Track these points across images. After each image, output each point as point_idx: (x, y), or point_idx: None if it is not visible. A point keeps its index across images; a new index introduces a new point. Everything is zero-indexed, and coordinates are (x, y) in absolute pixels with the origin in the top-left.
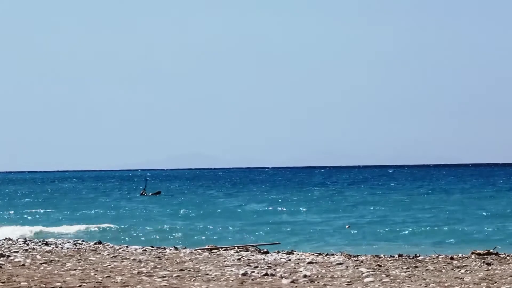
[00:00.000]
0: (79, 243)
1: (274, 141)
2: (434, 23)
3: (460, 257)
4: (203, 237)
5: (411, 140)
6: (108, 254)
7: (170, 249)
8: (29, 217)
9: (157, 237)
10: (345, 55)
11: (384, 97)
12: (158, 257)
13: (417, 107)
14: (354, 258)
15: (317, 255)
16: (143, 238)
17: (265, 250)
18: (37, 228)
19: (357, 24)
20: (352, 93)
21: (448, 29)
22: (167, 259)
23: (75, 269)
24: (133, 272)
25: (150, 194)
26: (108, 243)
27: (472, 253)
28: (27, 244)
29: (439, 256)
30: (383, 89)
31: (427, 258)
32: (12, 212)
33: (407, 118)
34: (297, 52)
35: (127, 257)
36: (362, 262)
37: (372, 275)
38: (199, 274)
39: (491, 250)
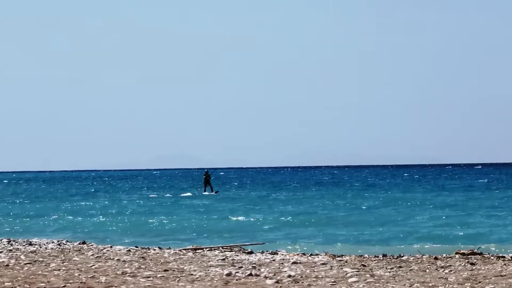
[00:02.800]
0: (63, 243)
1: (260, 141)
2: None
3: (444, 257)
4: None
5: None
6: (92, 255)
7: (155, 249)
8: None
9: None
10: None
11: (370, 98)
12: (143, 257)
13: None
14: (339, 258)
15: (302, 255)
16: None
17: (249, 250)
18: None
19: (342, 25)
20: (339, 93)
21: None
22: (151, 260)
23: (59, 270)
24: (117, 272)
25: (214, 192)
26: (92, 243)
27: (456, 253)
28: (11, 244)
29: (423, 256)
30: (370, 90)
31: (411, 258)
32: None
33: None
34: (286, 52)
35: (111, 258)
36: (346, 262)
37: (356, 275)
38: (184, 275)
39: (475, 250)
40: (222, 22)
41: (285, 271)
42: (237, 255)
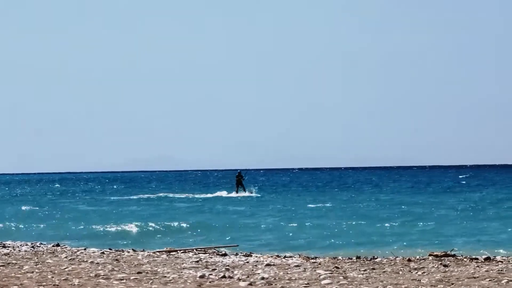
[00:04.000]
0: (37, 246)
1: (232, 143)
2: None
3: (417, 259)
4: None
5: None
6: (65, 257)
7: (128, 252)
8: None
9: None
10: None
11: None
12: (116, 259)
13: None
14: (312, 260)
15: (275, 257)
16: None
17: (223, 252)
18: None
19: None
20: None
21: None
22: (125, 262)
23: (33, 272)
24: (91, 275)
25: (247, 192)
26: (66, 246)
27: (430, 255)
28: None
29: (397, 258)
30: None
31: (385, 260)
32: None
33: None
34: (271, 52)
35: (85, 260)
36: (320, 264)
37: (329, 277)
38: (157, 277)
39: (449, 252)
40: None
41: (259, 273)
42: (211, 257)
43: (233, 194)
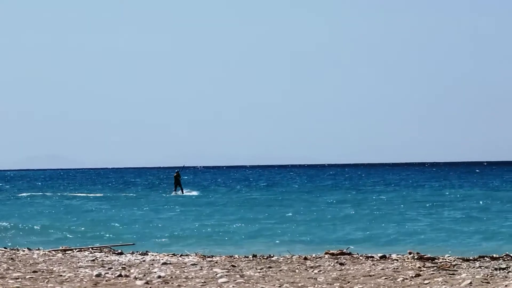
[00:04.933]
0: None
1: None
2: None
3: (313, 257)
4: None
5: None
6: None
7: (24, 250)
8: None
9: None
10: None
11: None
12: (11, 258)
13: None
14: (209, 259)
15: (172, 256)
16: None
17: (119, 251)
18: None
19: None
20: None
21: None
22: (20, 261)
23: None
24: None
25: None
26: None
27: (326, 253)
28: None
29: (293, 257)
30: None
31: (281, 258)
32: None
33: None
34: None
35: None
36: (216, 262)
37: (226, 275)
38: (53, 276)
39: (345, 250)
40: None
41: (155, 272)
42: (107, 256)
43: (172, 194)
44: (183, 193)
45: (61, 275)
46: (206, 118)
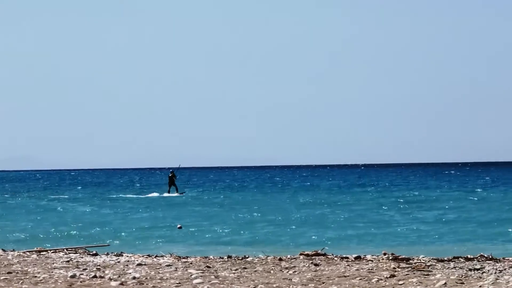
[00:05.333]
0: None
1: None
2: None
3: (288, 258)
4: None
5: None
6: None
7: None
8: None
9: None
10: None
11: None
12: None
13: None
14: (184, 260)
15: (147, 257)
16: None
17: (94, 252)
18: None
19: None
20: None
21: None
22: None
23: None
24: None
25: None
26: None
27: (301, 254)
28: None
29: (268, 258)
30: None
31: (256, 259)
32: None
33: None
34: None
35: None
36: (191, 263)
37: (201, 276)
38: (27, 277)
39: (319, 251)
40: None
41: (130, 273)
42: (82, 257)
43: (165, 194)
44: (177, 192)
45: (35, 276)
46: (182, 119)
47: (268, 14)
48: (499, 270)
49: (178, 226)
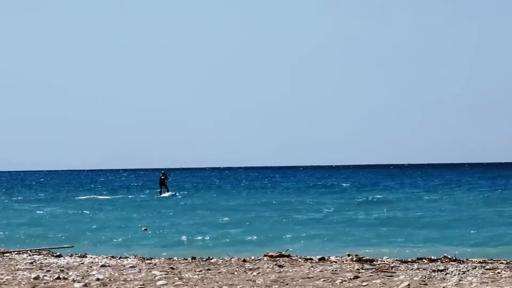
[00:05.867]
0: None
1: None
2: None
3: (252, 260)
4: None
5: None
6: None
7: None
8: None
9: None
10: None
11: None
12: None
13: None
14: (148, 261)
15: (110, 258)
16: None
17: (58, 253)
18: None
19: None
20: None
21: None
22: None
23: None
24: None
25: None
26: None
27: (265, 255)
28: None
29: (232, 259)
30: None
31: (220, 260)
32: None
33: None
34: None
35: None
36: (155, 265)
37: (165, 278)
38: None
39: (283, 253)
40: None
41: (94, 274)
42: (46, 259)
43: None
44: (168, 192)
45: None
46: (154, 118)
47: (272, 15)
48: (463, 271)
49: (143, 228)
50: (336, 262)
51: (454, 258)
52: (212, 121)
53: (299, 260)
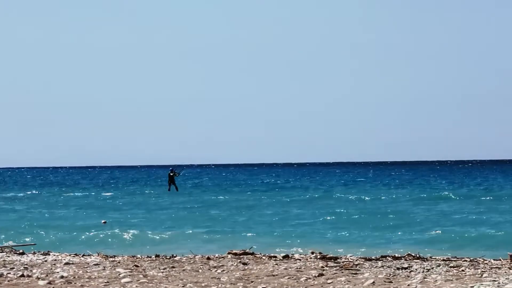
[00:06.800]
0: None
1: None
2: None
3: (216, 257)
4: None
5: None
6: None
7: None
8: None
9: None
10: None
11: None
12: None
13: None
14: (111, 259)
15: (74, 256)
16: None
17: (21, 251)
18: None
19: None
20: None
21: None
22: None
23: None
24: None
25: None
26: None
27: (229, 253)
28: None
29: (196, 256)
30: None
31: (184, 258)
32: None
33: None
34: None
35: None
36: (119, 262)
37: (129, 275)
38: None
39: (247, 250)
40: None
41: (58, 272)
42: (9, 256)
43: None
44: (177, 190)
45: None
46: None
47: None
48: (427, 269)
49: (103, 221)
50: (300, 259)
51: (418, 255)
52: (208, 120)
53: (263, 258)
